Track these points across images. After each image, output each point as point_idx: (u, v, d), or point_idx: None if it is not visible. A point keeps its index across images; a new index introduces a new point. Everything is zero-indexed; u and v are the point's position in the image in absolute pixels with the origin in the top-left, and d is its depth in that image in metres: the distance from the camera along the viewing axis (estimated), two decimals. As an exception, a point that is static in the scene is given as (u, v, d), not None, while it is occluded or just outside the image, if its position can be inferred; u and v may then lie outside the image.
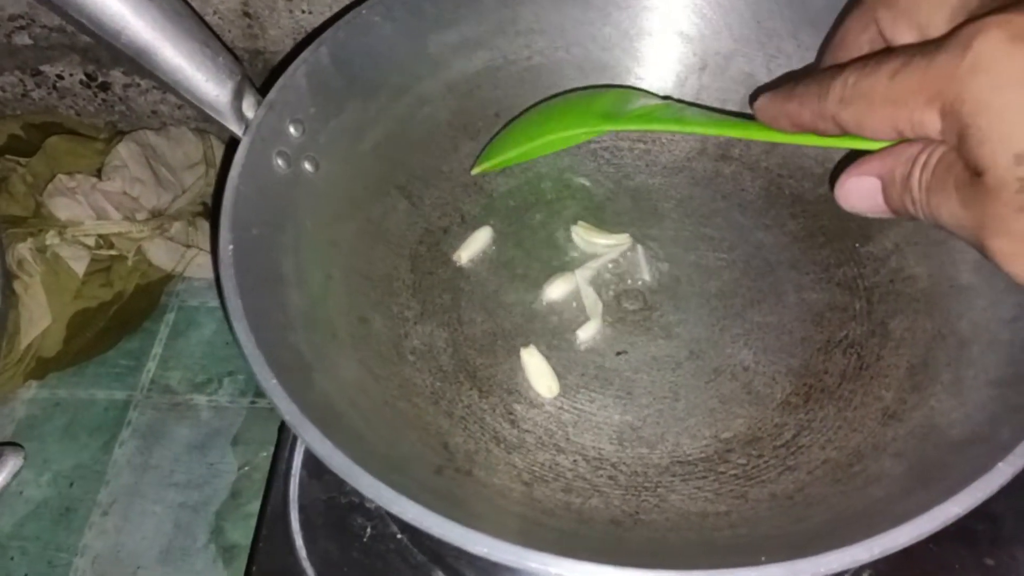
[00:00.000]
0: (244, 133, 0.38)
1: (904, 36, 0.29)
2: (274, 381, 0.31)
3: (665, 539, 0.34)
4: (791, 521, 0.34)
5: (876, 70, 0.26)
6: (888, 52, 0.27)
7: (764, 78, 0.46)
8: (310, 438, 0.30)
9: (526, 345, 0.41)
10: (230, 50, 0.37)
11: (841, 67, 0.27)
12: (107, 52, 0.60)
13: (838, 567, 0.26)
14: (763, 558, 0.27)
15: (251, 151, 0.37)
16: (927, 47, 0.25)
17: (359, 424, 0.35)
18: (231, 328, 0.32)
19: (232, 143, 0.38)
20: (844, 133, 0.28)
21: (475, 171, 0.45)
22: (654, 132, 0.46)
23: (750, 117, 0.33)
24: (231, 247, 0.34)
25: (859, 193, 0.29)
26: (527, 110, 0.46)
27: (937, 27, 0.27)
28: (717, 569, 0.27)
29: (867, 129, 0.27)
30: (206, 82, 0.36)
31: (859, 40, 0.31)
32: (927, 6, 0.28)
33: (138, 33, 0.35)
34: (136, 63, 0.36)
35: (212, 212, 0.60)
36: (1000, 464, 0.28)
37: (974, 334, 0.37)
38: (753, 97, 0.32)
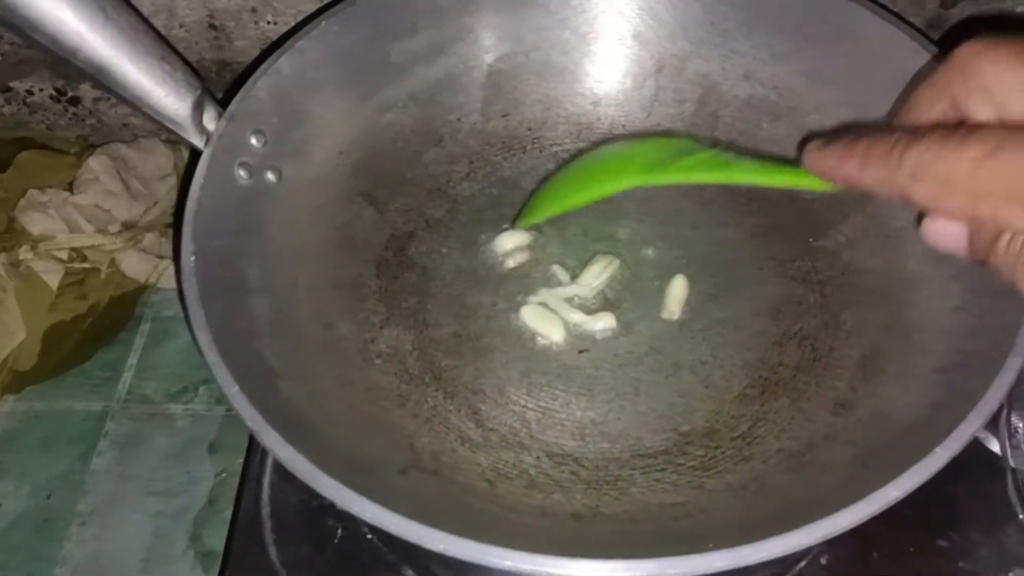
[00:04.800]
0: (205, 145, 0.39)
1: (980, 112, 0.27)
2: (236, 388, 0.31)
3: (624, 530, 0.35)
4: (746, 509, 0.35)
5: (959, 151, 0.24)
6: (971, 130, 0.24)
7: (719, 78, 0.47)
8: (271, 443, 0.30)
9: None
10: (189, 64, 0.38)
11: (914, 132, 0.25)
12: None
13: (781, 552, 0.27)
14: (711, 545, 0.28)
15: (212, 163, 0.38)
16: (1018, 137, 0.23)
17: (324, 428, 0.35)
18: (193, 337, 0.33)
19: (195, 155, 0.39)
20: (907, 204, 0.26)
21: (519, 225, 0.45)
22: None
23: (795, 162, 0.32)
24: (193, 258, 0.35)
25: (946, 235, 0.28)
26: (568, 163, 0.44)
27: (1017, 109, 0.26)
28: (666, 557, 0.28)
29: (941, 209, 0.25)
30: (165, 96, 0.37)
31: (930, 111, 0.29)
32: (1007, 85, 0.26)
33: (96, 50, 0.35)
34: (96, 80, 0.37)
35: (175, 224, 0.61)
36: (938, 448, 0.29)
37: (920, 323, 0.38)
38: (802, 144, 0.31)
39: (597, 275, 0.44)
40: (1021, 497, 0.37)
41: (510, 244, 0.46)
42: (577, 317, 0.43)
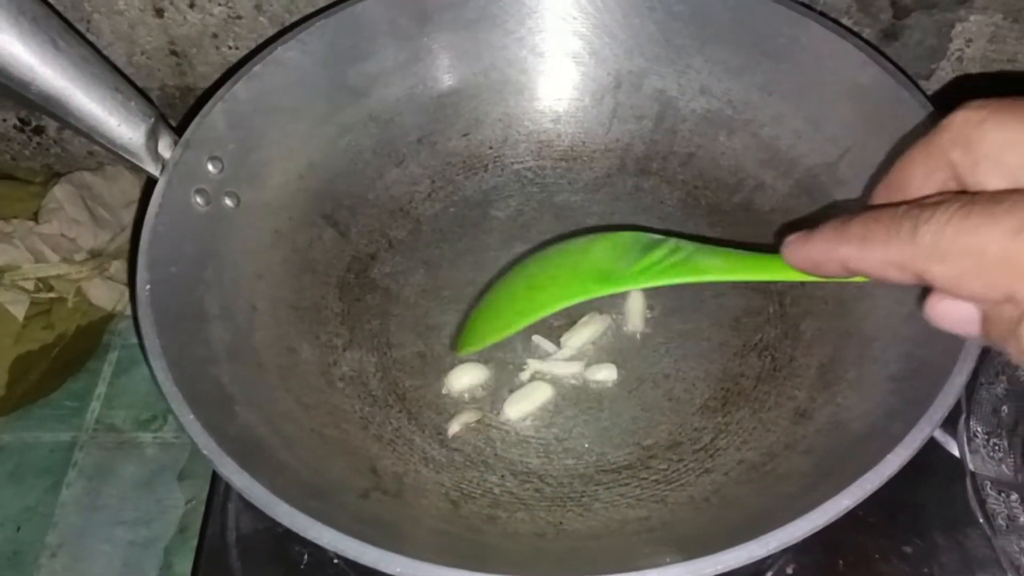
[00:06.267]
0: (160, 173, 0.39)
1: (991, 183, 0.24)
2: (191, 416, 0.31)
3: (585, 547, 0.35)
4: (707, 521, 0.35)
5: (988, 222, 0.21)
6: (996, 199, 0.22)
7: (675, 94, 0.48)
8: (227, 470, 0.30)
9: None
10: (143, 93, 0.38)
11: (919, 207, 0.23)
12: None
13: (736, 563, 0.28)
14: (668, 559, 0.28)
15: (168, 191, 0.38)
16: None
17: (283, 453, 0.35)
18: (148, 366, 0.33)
19: (151, 184, 0.39)
20: (921, 284, 0.24)
21: (461, 352, 0.40)
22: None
23: (764, 248, 0.31)
24: (148, 287, 0.35)
25: (953, 317, 0.24)
26: (507, 273, 0.40)
27: None
28: (622, 572, 0.28)
29: (966, 289, 0.22)
30: (119, 126, 0.37)
31: (925, 185, 0.26)
32: (1020, 153, 0.23)
33: (48, 82, 0.35)
34: (50, 112, 0.37)
35: (130, 252, 0.61)
36: (888, 456, 0.29)
37: (877, 331, 0.38)
38: (780, 235, 0.29)
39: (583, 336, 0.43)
40: (980, 501, 0.37)
41: (465, 380, 0.42)
42: (574, 369, 0.42)
